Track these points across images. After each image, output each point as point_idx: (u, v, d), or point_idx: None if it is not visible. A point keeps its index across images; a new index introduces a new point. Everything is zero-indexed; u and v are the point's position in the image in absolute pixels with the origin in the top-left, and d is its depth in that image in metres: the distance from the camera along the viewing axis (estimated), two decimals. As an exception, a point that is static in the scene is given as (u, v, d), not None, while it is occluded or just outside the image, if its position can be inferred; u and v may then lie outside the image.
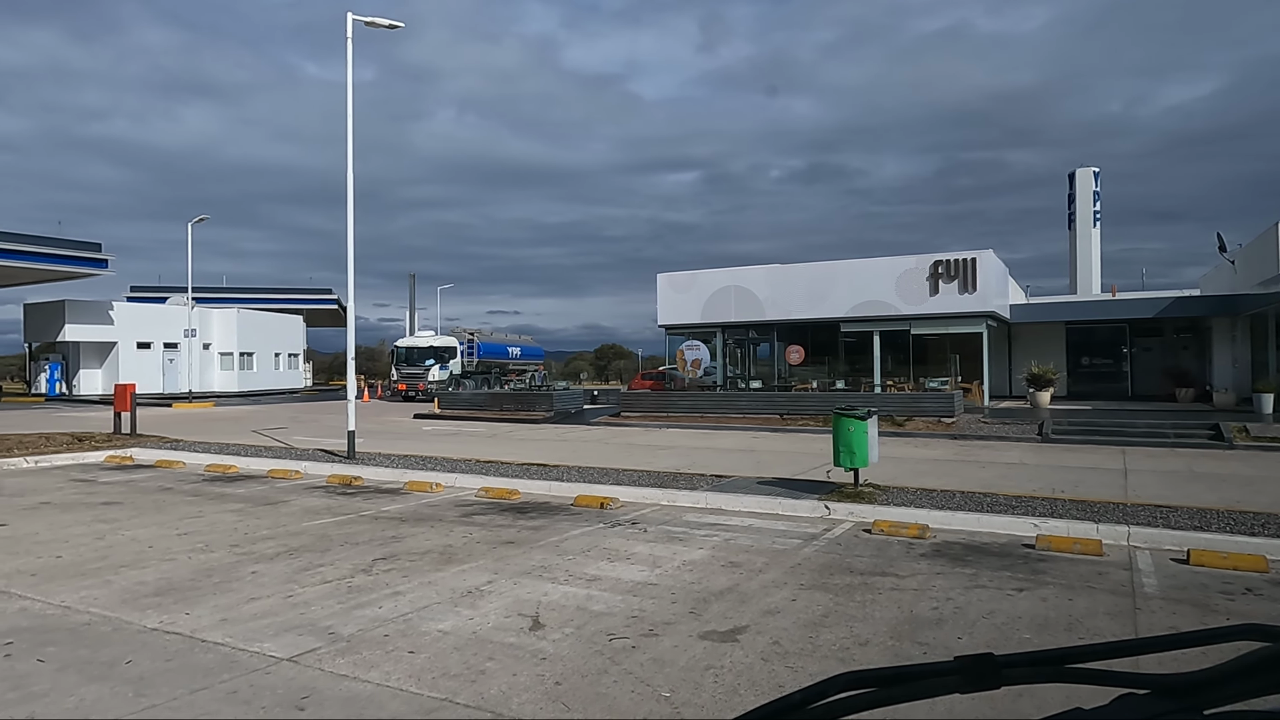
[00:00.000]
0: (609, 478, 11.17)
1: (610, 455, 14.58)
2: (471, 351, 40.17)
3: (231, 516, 8.99)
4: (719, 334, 26.89)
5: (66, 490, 11.00)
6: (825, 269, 25.04)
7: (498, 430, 21.11)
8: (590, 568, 6.65)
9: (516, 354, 45.88)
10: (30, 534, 7.99)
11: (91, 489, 11.12)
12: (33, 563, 6.81)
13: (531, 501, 9.98)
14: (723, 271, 26.63)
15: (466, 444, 17.18)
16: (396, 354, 38.64)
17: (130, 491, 10.86)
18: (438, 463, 12.97)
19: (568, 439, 18.57)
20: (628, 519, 8.80)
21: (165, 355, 42.25)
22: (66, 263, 35.78)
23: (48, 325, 39.46)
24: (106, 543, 7.61)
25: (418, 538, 7.84)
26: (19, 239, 34.32)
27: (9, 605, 5.59)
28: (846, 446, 9.21)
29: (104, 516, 8.96)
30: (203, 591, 5.92)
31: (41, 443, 14.91)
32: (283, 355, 49.73)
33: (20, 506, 9.65)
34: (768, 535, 7.98)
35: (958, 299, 22.88)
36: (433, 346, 37.79)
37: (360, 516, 9.01)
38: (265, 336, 47.75)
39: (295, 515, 9.06)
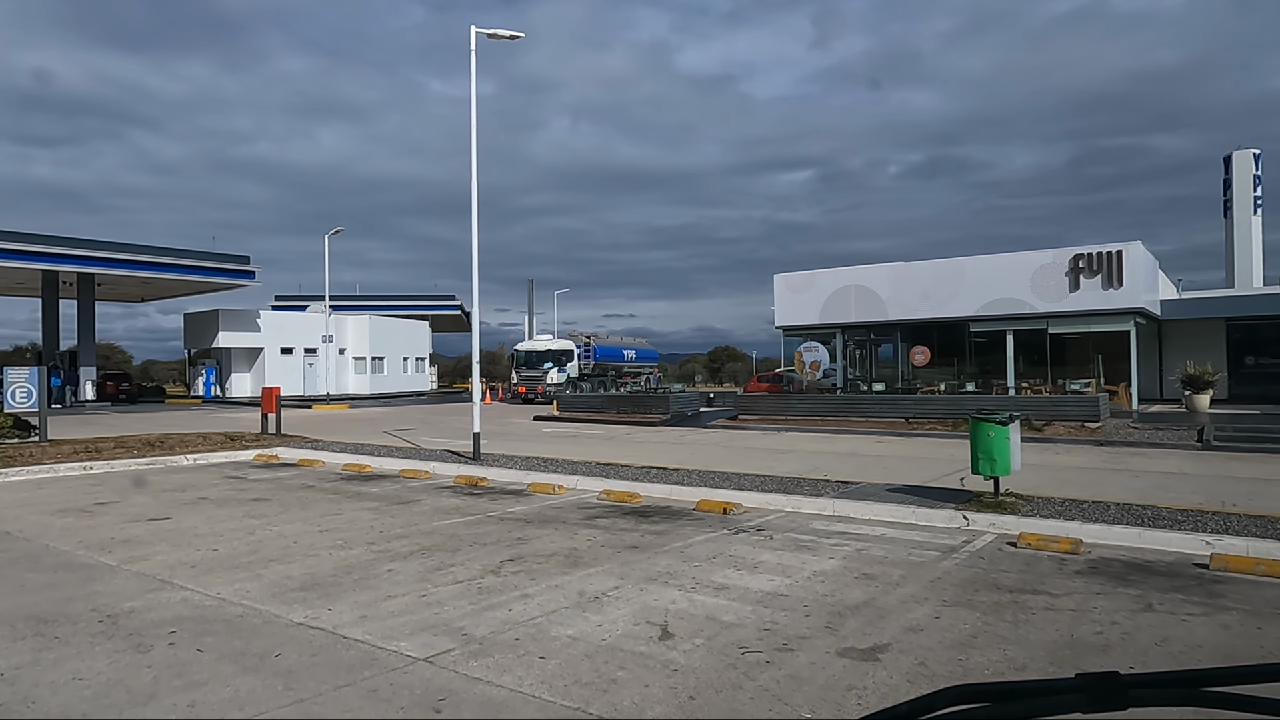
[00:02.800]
0: (730, 482, 10.97)
1: (729, 459, 14.37)
2: (588, 354, 40.76)
3: (368, 515, 9.35)
4: (838, 335, 26.16)
5: (221, 487, 11.78)
6: (952, 266, 23.91)
7: (615, 433, 21.25)
8: (717, 575, 6.50)
9: (632, 356, 46.24)
10: (190, 528, 8.57)
11: (242, 486, 11.86)
12: (192, 555, 7.27)
13: (653, 505, 9.91)
14: (842, 271, 25.89)
15: (585, 446, 17.36)
16: (516, 357, 39.69)
17: (277, 489, 11.51)
18: (559, 465, 13.13)
19: (685, 442, 18.46)
20: (752, 525, 8.59)
21: (305, 360, 45.00)
22: (219, 275, 38.68)
23: (204, 333, 42.79)
24: (256, 538, 8.05)
25: (543, 540, 7.90)
26: (179, 254, 37.37)
27: (173, 596, 5.96)
28: (986, 453, 8.66)
29: (254, 513, 9.52)
30: (344, 588, 6.14)
31: (199, 442, 16.08)
32: (410, 359, 52.03)
33: (182, 501, 10.39)
34: (902, 546, 7.59)
35: (1101, 295, 21.33)
36: (551, 350, 38.59)
37: (487, 517, 9.18)
38: (395, 341, 50.11)
39: (426, 515, 9.34)
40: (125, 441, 15.33)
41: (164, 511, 9.59)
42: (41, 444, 14.41)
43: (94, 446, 14.67)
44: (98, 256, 34.57)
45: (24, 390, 14.30)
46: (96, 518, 9.21)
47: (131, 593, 6.04)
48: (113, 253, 35.12)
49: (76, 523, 8.91)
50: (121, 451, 14.66)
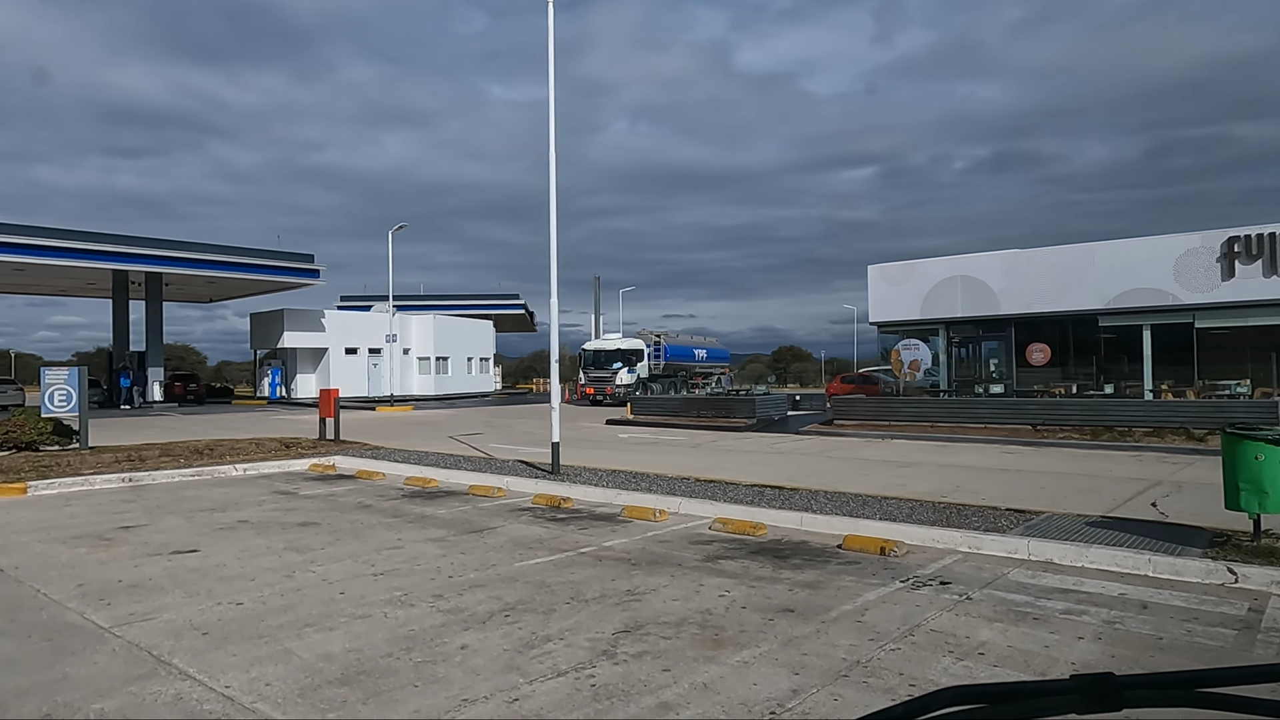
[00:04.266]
0: (871, 508, 8.88)
1: (846, 473, 12.25)
2: (658, 354, 38.88)
3: (433, 548, 7.57)
4: (942, 331, 23.67)
5: (267, 505, 10.20)
6: (1078, 253, 21.22)
7: (700, 439, 19.26)
8: (932, 668, 4.46)
9: (702, 356, 44.18)
10: (216, 566, 6.90)
11: (291, 504, 10.26)
12: (210, 612, 5.56)
13: (785, 539, 7.90)
14: (946, 261, 23.41)
15: (672, 456, 15.43)
16: (583, 357, 38.03)
17: (329, 509, 9.86)
18: (651, 481, 11.21)
19: (782, 451, 16.38)
20: (929, 575, 6.51)
21: (369, 360, 44.20)
22: (284, 274, 38.01)
23: (270, 333, 42.30)
24: (295, 583, 6.32)
25: (661, 595, 5.97)
26: (244, 253, 36.78)
27: (163, 690, 4.21)
28: (1253, 482, 6.41)
29: (297, 543, 7.83)
30: (400, 679, 4.31)
31: (251, 449, 14.68)
32: (475, 359, 50.96)
33: (217, 525, 8.80)
34: (1164, 615, 5.43)
35: (1263, 283, 18.46)
36: (620, 349, 36.80)
37: (580, 555, 7.30)
38: (459, 341, 49.07)
39: (504, 550, 7.50)
40: (172, 449, 14.00)
41: (192, 540, 7.98)
42: (81, 452, 13.14)
43: (138, 455, 13.34)
44: (164, 255, 34.14)
45: (63, 393, 13.05)
46: (112, 548, 7.64)
47: (109, 682, 4.31)
48: (178, 251, 34.66)
49: (87, 555, 7.34)
50: (166, 460, 13.30)
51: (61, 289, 41.31)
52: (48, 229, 31.40)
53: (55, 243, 31.19)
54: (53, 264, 31.67)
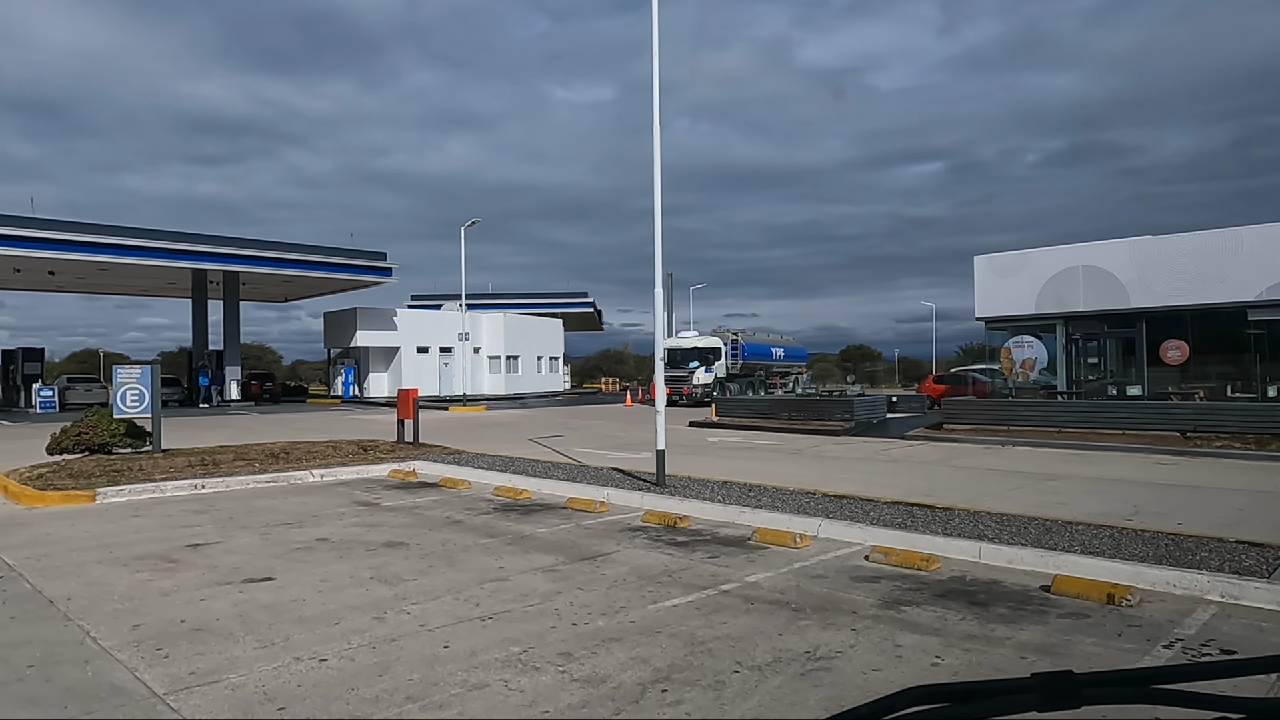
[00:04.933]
0: (1056, 536, 7.31)
1: (984, 487, 10.65)
2: (735, 352, 37.34)
3: (544, 581, 6.34)
4: (1059, 327, 21.59)
5: (347, 518, 9.15)
6: (1222, 239, 18.97)
7: (797, 444, 17.76)
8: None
9: (779, 355, 42.47)
10: (295, 601, 5.79)
11: (373, 518, 9.20)
12: (287, 672, 4.41)
13: (970, 578, 6.42)
14: (1065, 250, 21.34)
15: (774, 463, 14.00)
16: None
17: (415, 525, 8.76)
18: (772, 495, 9.82)
19: (896, 458, 14.78)
20: (1195, 638, 4.97)
21: (440, 359, 43.80)
22: (357, 271, 37.77)
23: (343, 332, 42.24)
24: (388, 629, 5.15)
25: (852, 660, 4.59)
26: (318, 250, 36.63)
27: (225, 814, 3.03)
28: None
29: (385, 571, 6.69)
30: (548, 805, 3.04)
31: (328, 453, 13.79)
32: (544, 358, 50.23)
33: (294, 544, 7.76)
34: None
35: None
36: (697, 348, 35.39)
37: (723, 595, 5.97)
38: (529, 340, 48.40)
39: (630, 586, 6.22)
40: (246, 453, 13.20)
41: (266, 564, 6.93)
42: (154, 455, 12.41)
43: (211, 459, 12.56)
44: (241, 254, 34.17)
45: (135, 393, 12.34)
46: (178, 573, 6.63)
47: (156, 794, 3.16)
48: (255, 250, 34.67)
49: (148, 583, 6.33)
50: (241, 465, 12.48)
51: (144, 289, 41.99)
52: (130, 229, 31.65)
53: (137, 242, 31.41)
54: (134, 263, 31.91)
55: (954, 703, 0.75)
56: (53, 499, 10.07)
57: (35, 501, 10.07)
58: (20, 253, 29.06)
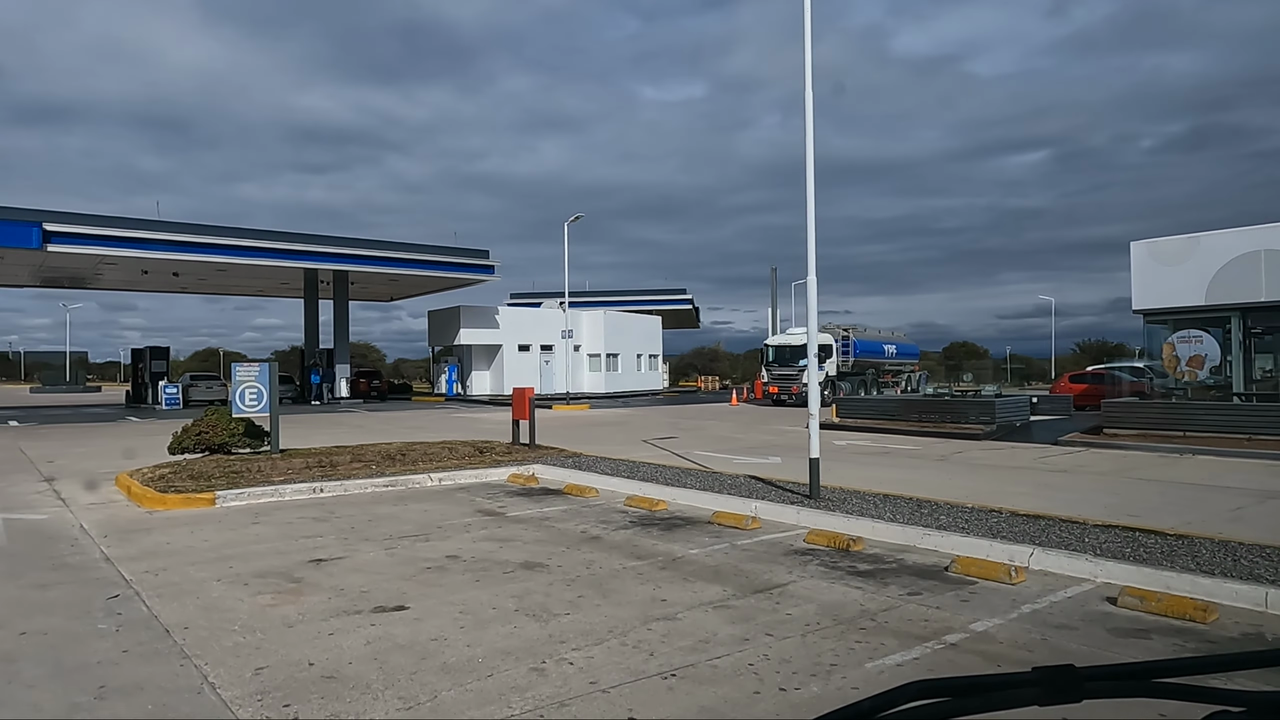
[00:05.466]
0: (1362, 579, 5.75)
1: (1199, 506, 8.98)
2: (847, 350, 35.54)
3: (720, 623, 5.27)
4: (1235, 319, 19.16)
5: (474, 530, 8.33)
6: None
7: (936, 449, 16.18)
8: None
9: (892, 353, 40.33)
10: (435, 641, 4.91)
11: (502, 530, 8.35)
12: (441, 751, 3.48)
13: (1276, 638, 5.00)
14: (1243, 233, 18.89)
15: (922, 471, 12.56)
16: (765, 354, 35.31)
17: (550, 541, 7.85)
18: (947, 512, 8.47)
19: (1063, 468, 13.09)
20: None
21: (541, 357, 43.57)
22: (461, 270, 37.81)
23: (446, 330, 42.52)
24: (552, 690, 4.17)
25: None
26: (423, 249, 36.81)
27: None
28: None
29: (530, 602, 5.76)
30: None
31: (444, 455, 13.16)
32: (644, 356, 49.46)
33: (423, 562, 6.95)
34: None
35: None
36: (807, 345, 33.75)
37: (953, 650, 4.76)
38: (628, 337, 47.72)
39: (829, 634, 5.08)
40: (363, 454, 12.68)
41: (396, 588, 6.11)
42: (272, 456, 12.01)
43: (328, 460, 12.07)
44: (350, 254, 34.61)
45: (254, 391, 11.98)
46: (301, 597, 5.88)
47: None
48: (363, 249, 35.08)
49: (271, 610, 5.59)
50: (358, 468, 11.95)
51: (260, 289, 43.33)
52: (247, 230, 32.45)
53: (253, 243, 32.17)
54: (251, 263, 32.71)
55: (955, 696, 0.74)
56: (173, 502, 9.68)
57: (156, 504, 9.69)
58: (148, 255, 30.13)
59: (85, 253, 28.95)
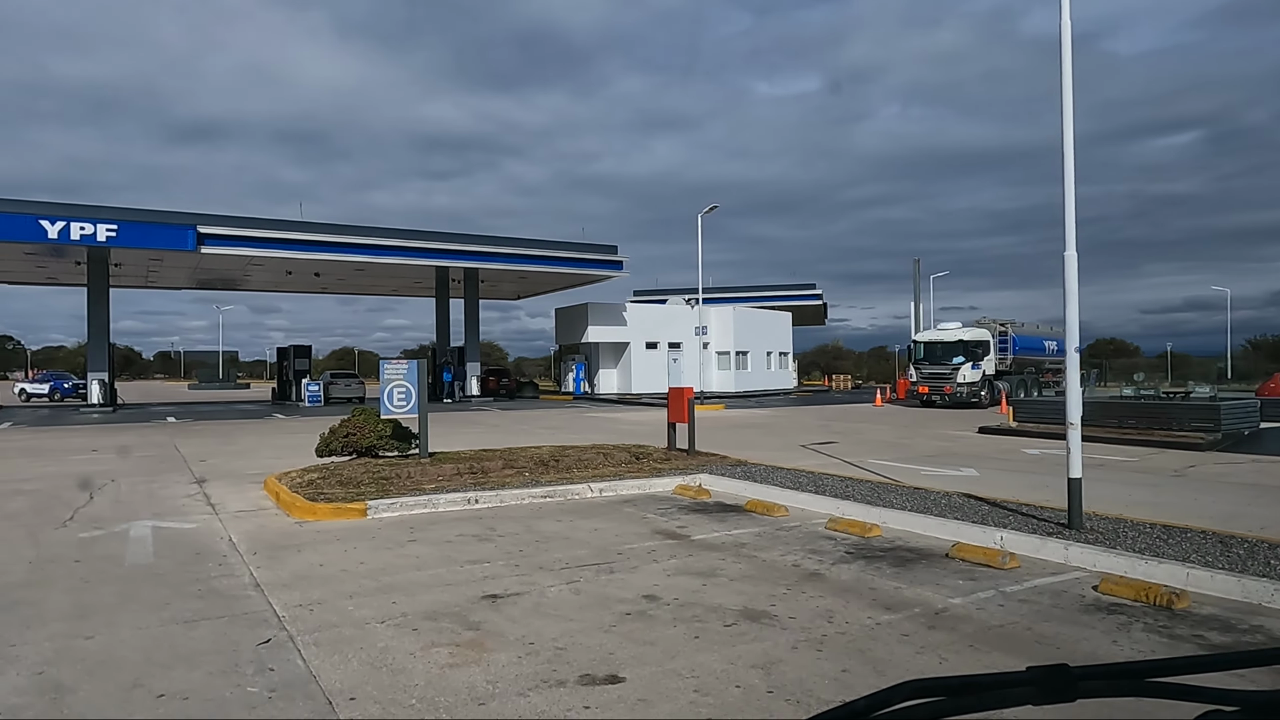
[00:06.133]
0: None
1: None
2: (1004, 346, 32.53)
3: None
4: None
5: (662, 559, 6.99)
6: None
7: (1165, 463, 13.73)
8: None
9: (1053, 349, 36.78)
10: (683, 746, 3.54)
11: (696, 560, 6.97)
12: None
13: None
14: None
15: (1172, 493, 10.34)
16: (913, 351, 32.75)
17: (760, 577, 6.40)
18: (1271, 552, 6.47)
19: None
20: None
21: (669, 355, 42.38)
22: (590, 266, 37.09)
23: (574, 327, 41.99)
24: None
25: None
26: (552, 245, 36.30)
27: None
28: None
29: (779, 676, 4.32)
30: None
31: (599, 461, 11.98)
32: (774, 354, 47.49)
33: (619, 605, 5.63)
34: None
35: None
36: (962, 341, 31.00)
37: None
38: (758, 334, 45.88)
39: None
40: (514, 459, 11.65)
41: (599, 645, 4.80)
42: (421, 461, 11.13)
43: (479, 466, 11.09)
44: (482, 251, 34.46)
45: (402, 391, 11.14)
46: (486, 655, 4.66)
47: None
48: (494, 247, 34.86)
49: (451, 675, 4.38)
50: (510, 475, 10.91)
51: (394, 289, 44.12)
52: (383, 229, 32.77)
53: (390, 241, 32.44)
54: (387, 262, 33.00)
55: (949, 696, 0.74)
56: (323, 512, 8.84)
57: (306, 514, 8.88)
58: (292, 255, 30.82)
59: (235, 254, 29.82)
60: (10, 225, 25.78)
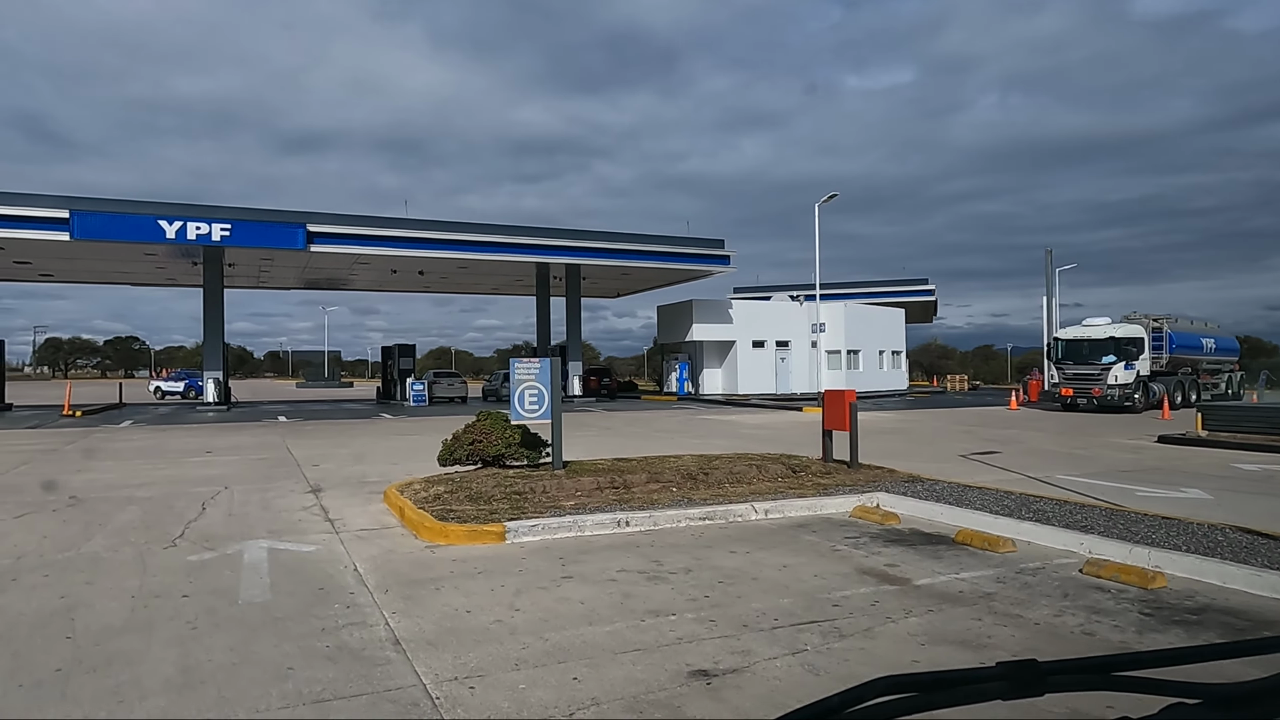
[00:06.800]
0: None
1: None
2: (1159, 344, 29.31)
3: None
4: None
5: (897, 619, 5.38)
6: None
7: None
8: None
9: (1211, 347, 33.16)
10: None
11: (940, 620, 5.34)
12: None
13: None
14: None
15: None
16: (1056, 348, 29.87)
17: (1045, 650, 4.72)
18: None
19: None
20: None
21: (777, 354, 40.46)
22: (696, 261, 35.62)
23: (676, 325, 40.56)
24: None
25: None
26: (657, 240, 34.97)
27: None
28: None
29: None
30: None
31: (753, 474, 10.44)
32: (886, 353, 44.87)
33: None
34: None
35: None
36: (1114, 338, 27.99)
37: None
38: (870, 332, 43.39)
39: None
40: (658, 471, 10.23)
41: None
42: (555, 472, 9.84)
43: (620, 479, 9.71)
44: (585, 247, 33.42)
45: (534, 394, 9.87)
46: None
47: None
48: (597, 242, 33.78)
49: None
50: (656, 490, 9.49)
51: (493, 287, 43.68)
52: (488, 225, 32.13)
53: (494, 238, 31.77)
54: (492, 259, 32.33)
55: (922, 691, 0.74)
56: (456, 535, 7.61)
57: (437, 537, 7.67)
58: (398, 253, 30.47)
59: (342, 251, 29.66)
60: (131, 226, 26.15)
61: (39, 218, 25.24)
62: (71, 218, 25.37)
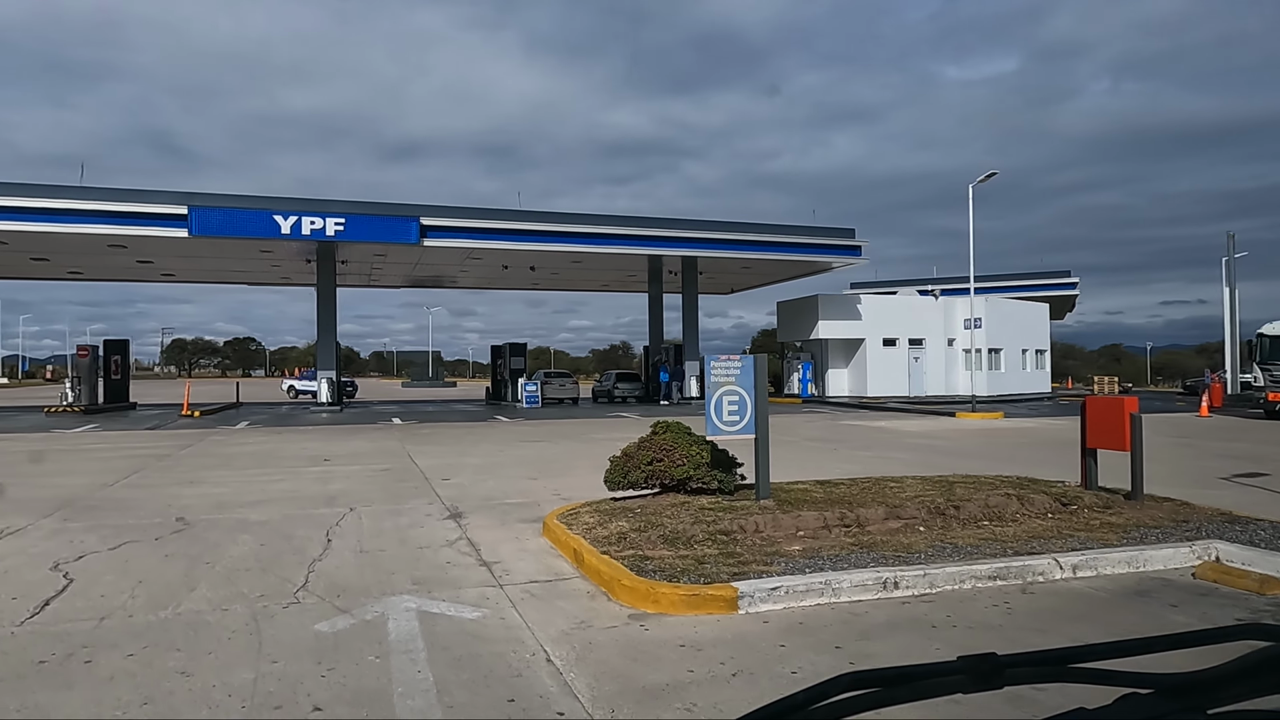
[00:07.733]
0: None
1: None
2: (1387, 341, 24.83)
3: None
4: None
5: None
6: None
7: None
8: None
9: None
10: None
11: None
12: None
13: None
14: None
15: None
16: (1259, 346, 25.79)
17: None
18: None
19: None
20: None
21: (910, 353, 37.23)
22: (824, 252, 32.92)
23: (799, 323, 37.89)
24: None
25: None
26: (781, 230, 32.48)
27: None
28: None
29: None
30: None
31: (1014, 508, 7.94)
32: (1030, 352, 40.90)
33: None
34: None
35: None
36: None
37: None
38: (1012, 329, 39.55)
39: None
40: (892, 502, 7.86)
41: None
42: (762, 503, 7.60)
43: (850, 515, 7.40)
44: (704, 238, 31.21)
45: (734, 400, 7.69)
46: None
47: None
48: (717, 233, 31.51)
49: None
50: (897, 529, 7.16)
51: (604, 283, 42.01)
52: (602, 216, 30.37)
53: (610, 230, 29.98)
54: (607, 252, 30.54)
55: (884, 686, 0.75)
56: (668, 600, 5.48)
57: (642, 601, 5.56)
58: (512, 246, 29.05)
59: (456, 245, 28.42)
60: (246, 221, 25.51)
61: (158, 214, 24.86)
62: (190, 214, 24.89)
